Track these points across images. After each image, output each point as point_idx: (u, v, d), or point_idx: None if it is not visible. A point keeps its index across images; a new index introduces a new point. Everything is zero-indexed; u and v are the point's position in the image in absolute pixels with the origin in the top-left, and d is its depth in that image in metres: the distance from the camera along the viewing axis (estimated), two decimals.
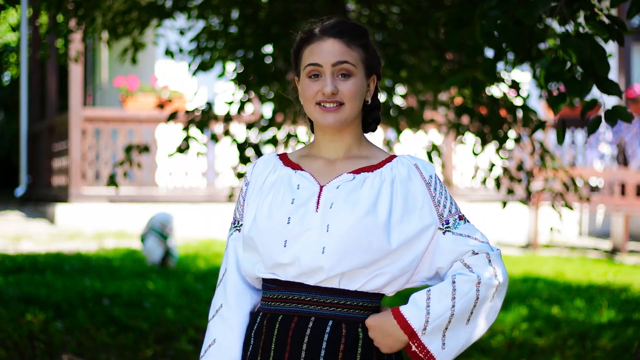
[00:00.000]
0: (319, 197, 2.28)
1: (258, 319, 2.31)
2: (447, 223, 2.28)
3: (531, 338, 6.54)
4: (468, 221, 2.31)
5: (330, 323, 2.24)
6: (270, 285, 2.31)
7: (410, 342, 2.24)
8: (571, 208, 5.84)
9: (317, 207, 2.26)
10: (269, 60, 5.84)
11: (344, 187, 2.28)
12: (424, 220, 2.27)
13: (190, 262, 8.70)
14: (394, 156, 2.34)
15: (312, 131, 2.42)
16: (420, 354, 2.26)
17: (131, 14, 5.71)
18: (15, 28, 18.62)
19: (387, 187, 2.27)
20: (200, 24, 6.25)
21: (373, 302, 2.28)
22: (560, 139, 3.10)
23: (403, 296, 2.35)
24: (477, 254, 2.26)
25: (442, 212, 2.28)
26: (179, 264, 8.51)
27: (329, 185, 2.29)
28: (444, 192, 2.31)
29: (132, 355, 5.72)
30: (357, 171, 2.30)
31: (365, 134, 2.41)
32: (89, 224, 11.43)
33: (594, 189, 12.20)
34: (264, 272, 2.29)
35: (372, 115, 2.40)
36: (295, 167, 2.35)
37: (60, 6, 5.43)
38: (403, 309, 2.24)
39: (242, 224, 2.37)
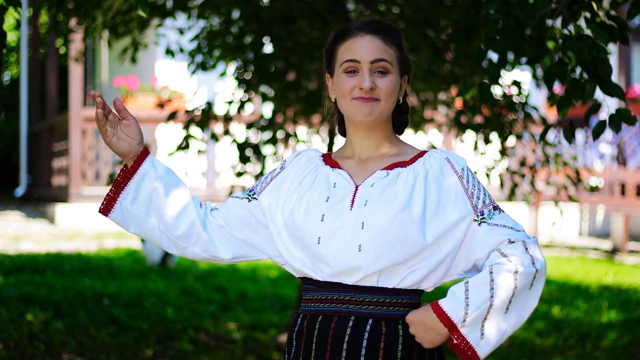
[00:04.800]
0: (354, 195, 2.29)
1: (299, 321, 2.33)
2: (482, 214, 2.29)
3: (532, 338, 6.54)
4: (503, 211, 2.32)
5: (370, 322, 2.25)
6: (309, 287, 2.33)
7: (451, 335, 2.25)
8: (576, 201, 5.86)
9: (351, 206, 2.27)
10: (269, 60, 5.84)
11: (379, 184, 2.29)
12: (458, 213, 2.27)
13: (190, 262, 8.69)
14: (425, 151, 2.36)
15: (341, 133, 2.43)
16: (460, 346, 2.26)
17: (132, 13, 5.71)
18: (16, 27, 18.61)
19: (420, 182, 2.28)
20: (201, 24, 6.25)
21: (412, 298, 2.29)
22: (569, 139, 3.10)
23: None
24: (514, 242, 2.27)
25: (476, 204, 2.29)
26: (179, 264, 8.50)
27: (364, 183, 2.31)
28: (476, 183, 2.31)
29: (132, 355, 5.71)
30: (390, 167, 2.32)
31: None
32: (89, 224, 11.42)
33: (594, 189, 12.19)
34: (310, 268, 2.30)
35: (400, 118, 2.41)
36: (334, 165, 2.36)
37: (61, 6, 5.43)
38: (442, 302, 2.25)
39: (255, 197, 2.39)
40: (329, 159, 2.40)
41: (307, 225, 2.28)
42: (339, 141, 6.00)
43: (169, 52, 6.29)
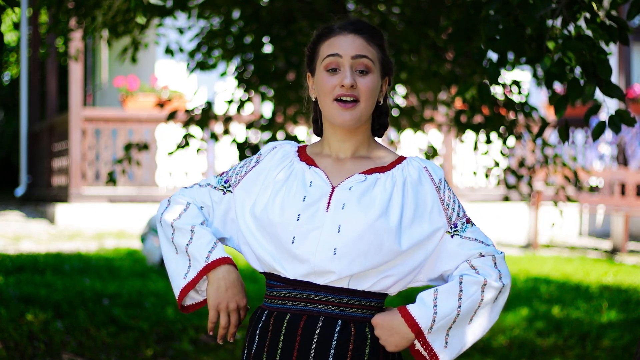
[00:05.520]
0: (330, 197, 2.28)
1: (263, 317, 2.32)
2: (455, 227, 2.31)
3: (532, 338, 6.53)
4: (474, 224, 2.35)
5: (339, 323, 2.26)
6: (276, 284, 2.31)
7: (416, 340, 2.26)
8: (575, 201, 5.86)
9: (327, 207, 2.27)
10: (269, 60, 5.84)
11: (357, 188, 2.29)
12: (433, 223, 2.29)
13: None
14: (403, 157, 2.36)
15: (317, 133, 2.43)
16: (423, 353, 2.29)
17: (131, 13, 5.71)
18: (15, 26, 18.61)
19: (398, 189, 2.29)
20: (201, 23, 6.25)
21: (379, 302, 2.31)
22: (564, 139, 3.11)
23: (404, 296, 2.36)
24: (484, 256, 2.30)
25: (451, 216, 2.31)
26: None
27: (341, 186, 2.30)
28: (452, 195, 2.34)
29: (132, 355, 5.71)
30: (368, 172, 2.32)
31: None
32: (89, 224, 11.43)
33: (594, 189, 12.20)
34: (279, 264, 2.28)
35: (380, 121, 2.41)
36: (310, 162, 2.36)
37: (61, 5, 5.43)
38: (411, 307, 2.27)
39: (230, 190, 2.39)
40: (304, 153, 2.39)
41: (282, 222, 2.27)
42: None
43: (169, 51, 6.29)
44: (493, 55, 5.71)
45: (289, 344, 2.26)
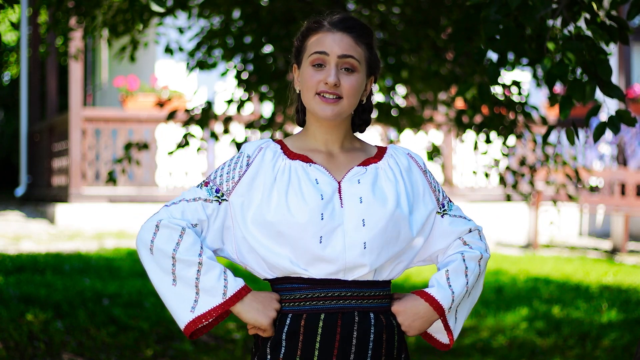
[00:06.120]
0: (339, 192, 2.30)
1: (288, 321, 2.28)
2: (443, 206, 2.41)
3: (532, 338, 6.53)
4: (452, 201, 2.45)
5: (372, 315, 2.30)
6: (298, 286, 2.29)
7: (440, 321, 2.35)
8: (576, 199, 5.86)
9: (341, 203, 2.28)
10: (269, 60, 5.85)
11: (364, 180, 2.32)
12: (427, 206, 2.37)
13: None
14: (384, 147, 2.41)
15: (299, 123, 2.43)
16: (431, 332, 2.40)
17: (130, 13, 5.71)
18: (15, 26, 18.61)
19: (399, 178, 2.35)
20: (201, 23, 6.26)
21: (389, 290, 2.36)
22: (572, 140, 3.11)
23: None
24: (472, 231, 2.41)
25: (439, 197, 2.41)
26: None
27: (347, 180, 2.32)
28: (434, 177, 2.43)
29: (132, 355, 5.71)
30: (364, 163, 2.36)
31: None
32: (89, 224, 11.42)
33: (594, 189, 12.19)
34: (303, 270, 2.26)
35: (362, 117, 2.42)
36: (304, 159, 2.34)
37: (60, 4, 5.43)
38: (432, 291, 2.33)
39: (225, 198, 2.31)
40: (288, 149, 2.36)
41: (305, 223, 2.24)
42: None
43: (168, 50, 6.29)
44: (493, 55, 5.71)
45: (328, 343, 2.26)
